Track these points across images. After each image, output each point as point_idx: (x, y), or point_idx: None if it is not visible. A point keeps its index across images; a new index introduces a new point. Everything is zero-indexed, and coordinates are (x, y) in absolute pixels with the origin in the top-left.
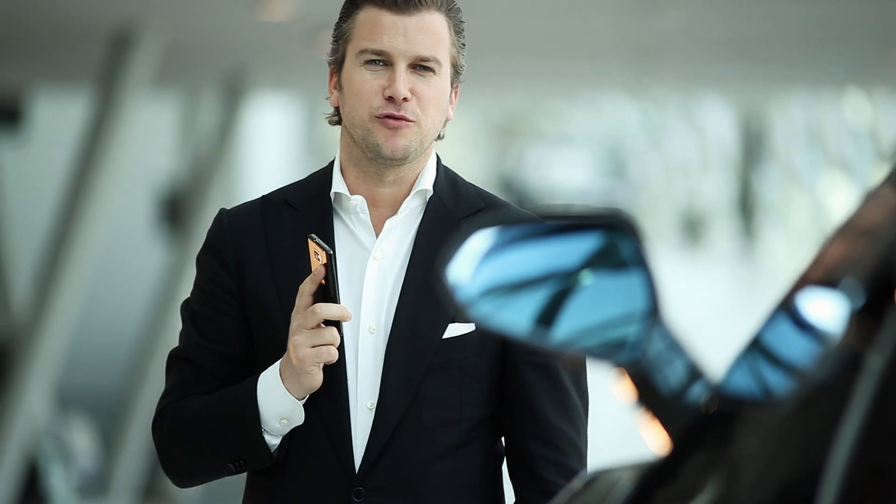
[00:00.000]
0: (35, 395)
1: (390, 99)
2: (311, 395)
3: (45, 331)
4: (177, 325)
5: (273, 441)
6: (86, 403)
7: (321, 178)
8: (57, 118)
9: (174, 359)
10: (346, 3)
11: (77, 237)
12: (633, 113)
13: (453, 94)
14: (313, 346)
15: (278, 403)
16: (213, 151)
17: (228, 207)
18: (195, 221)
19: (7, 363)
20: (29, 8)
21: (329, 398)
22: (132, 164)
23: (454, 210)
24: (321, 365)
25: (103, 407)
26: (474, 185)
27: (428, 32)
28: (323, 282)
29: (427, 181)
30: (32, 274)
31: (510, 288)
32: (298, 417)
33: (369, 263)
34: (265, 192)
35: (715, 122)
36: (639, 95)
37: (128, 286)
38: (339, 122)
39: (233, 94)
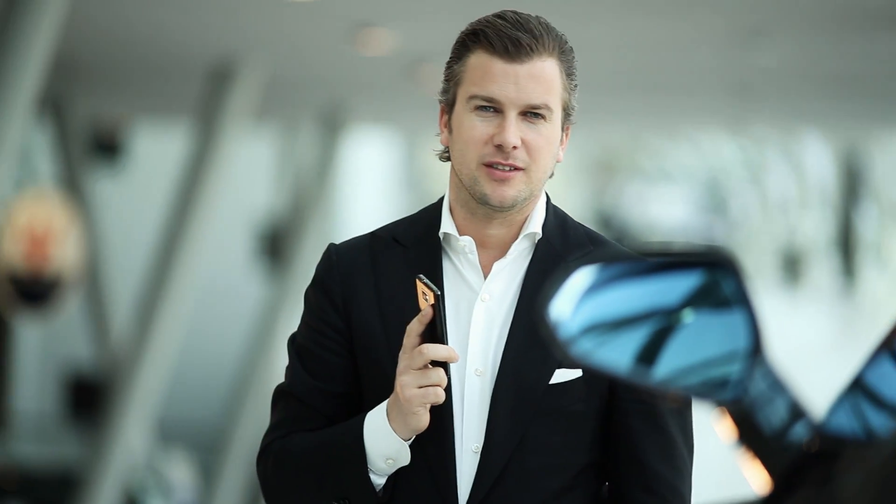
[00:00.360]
0: (134, 429)
1: (498, 147)
2: (417, 437)
3: (144, 364)
4: (275, 358)
5: (378, 481)
6: (185, 437)
7: (430, 217)
8: (157, 151)
9: (280, 394)
10: (457, 43)
11: (177, 271)
12: (732, 149)
13: (564, 136)
14: (420, 387)
15: (385, 443)
16: (311, 185)
17: (337, 242)
18: (294, 255)
19: (107, 396)
20: (131, 42)
21: (435, 440)
22: (231, 198)
23: (563, 252)
24: (427, 406)
25: (202, 440)
26: (584, 226)
27: (539, 80)
28: (431, 322)
29: (536, 224)
30: (132, 307)
31: (611, 325)
32: (405, 458)
33: (477, 305)
34: (369, 228)
35: (814, 159)
36: (737, 132)
37: (227, 320)
38: (448, 159)
39: (332, 128)
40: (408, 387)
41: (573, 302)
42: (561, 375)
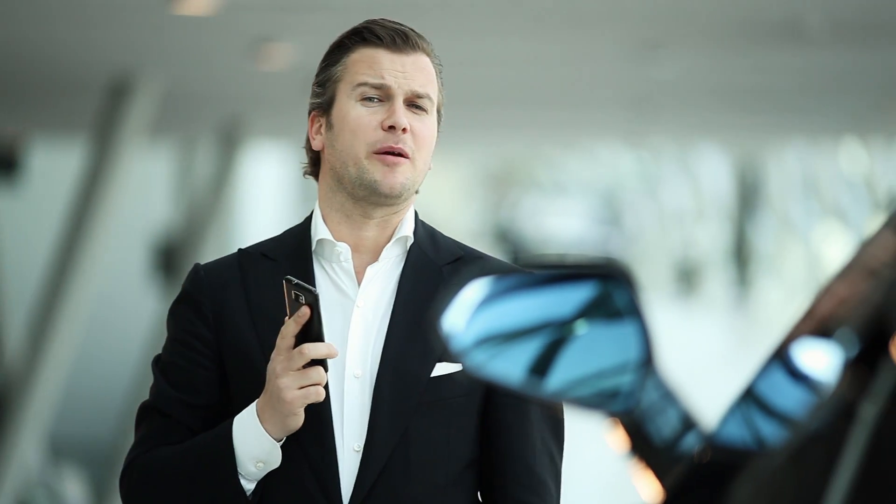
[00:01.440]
0: (27, 445)
1: (390, 129)
2: (298, 439)
3: (38, 380)
4: None
5: (248, 486)
6: (78, 453)
7: (298, 232)
8: (53, 167)
9: (144, 411)
10: (330, 51)
11: (72, 286)
12: (629, 162)
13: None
14: (301, 388)
15: (255, 445)
16: (208, 200)
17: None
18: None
19: (0, 412)
20: (27, 57)
21: (317, 442)
22: (128, 213)
23: (435, 258)
24: (304, 406)
25: (95, 456)
26: (451, 238)
27: (424, 71)
28: (305, 323)
29: (407, 228)
30: (27, 322)
31: (505, 337)
32: (275, 460)
33: (354, 311)
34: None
35: (710, 171)
36: (635, 144)
37: (122, 335)
38: (314, 173)
39: (229, 143)
40: (288, 389)
41: (466, 314)
42: (442, 368)
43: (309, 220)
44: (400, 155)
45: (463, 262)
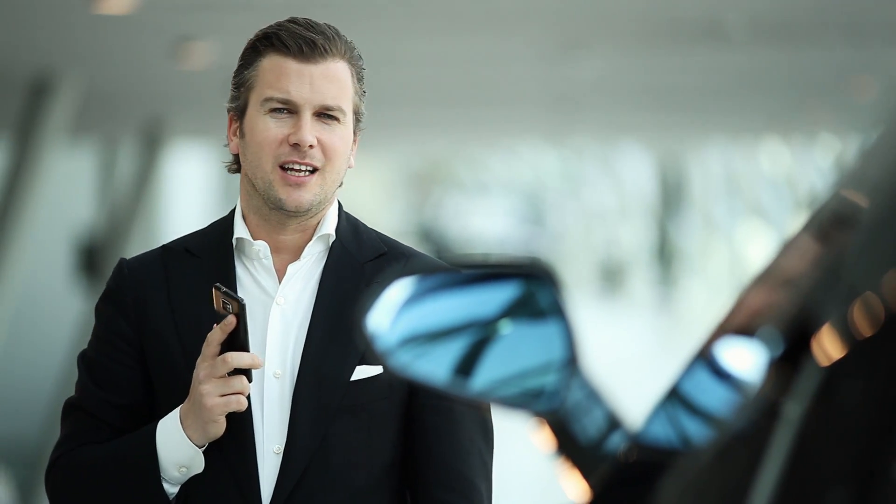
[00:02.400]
0: None
1: (295, 146)
2: (217, 442)
3: None
4: None
5: (171, 490)
6: (2, 453)
7: (222, 226)
8: None
9: (69, 408)
10: (247, 49)
11: None
12: (552, 161)
13: (354, 143)
14: (223, 395)
15: (177, 451)
16: (131, 200)
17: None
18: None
19: None
20: None
21: (235, 444)
22: (50, 213)
23: (357, 254)
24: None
25: (20, 456)
26: (376, 231)
27: (333, 81)
28: (232, 331)
29: (329, 226)
30: None
31: (429, 337)
32: (198, 465)
33: (273, 309)
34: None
35: (633, 171)
36: (557, 144)
37: (46, 335)
38: (237, 170)
39: (151, 142)
40: (210, 395)
41: (391, 314)
42: (362, 372)
43: (232, 215)
44: (308, 169)
45: (386, 258)
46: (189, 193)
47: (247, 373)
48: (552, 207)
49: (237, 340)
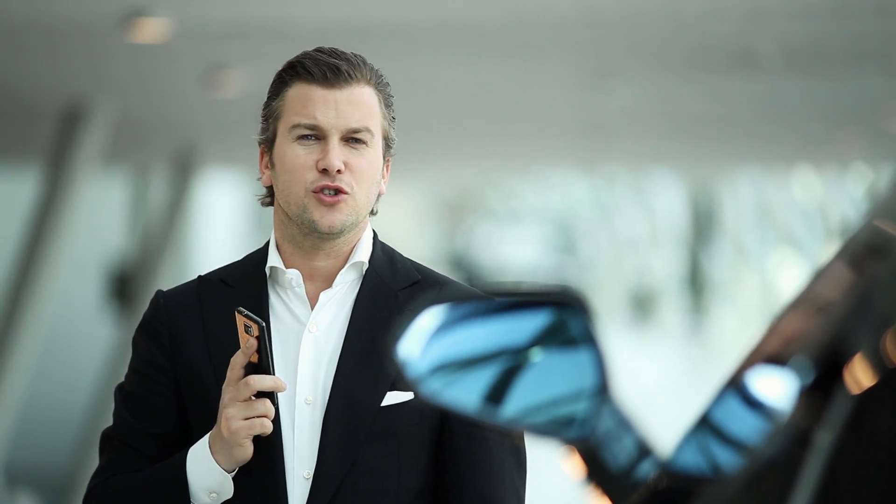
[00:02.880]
0: None
1: (324, 172)
2: (245, 466)
3: None
4: None
5: None
6: (33, 480)
7: (257, 257)
8: (7, 194)
9: (106, 439)
10: (274, 82)
11: (26, 313)
12: (584, 190)
13: (385, 169)
14: (246, 419)
15: (207, 476)
16: (162, 228)
17: (170, 287)
18: (144, 298)
19: None
20: None
21: (265, 469)
22: (82, 240)
23: (391, 283)
24: (251, 437)
25: (50, 484)
26: (411, 260)
27: (359, 105)
28: (256, 355)
29: (362, 254)
30: None
31: (460, 365)
32: (227, 491)
33: (304, 336)
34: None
35: (665, 199)
36: (589, 172)
37: (76, 363)
38: (270, 203)
39: (183, 170)
40: (234, 419)
41: (422, 341)
42: (393, 398)
43: (266, 246)
44: (338, 192)
45: (420, 286)
46: (221, 221)
47: (271, 396)
48: (583, 235)
49: (261, 363)
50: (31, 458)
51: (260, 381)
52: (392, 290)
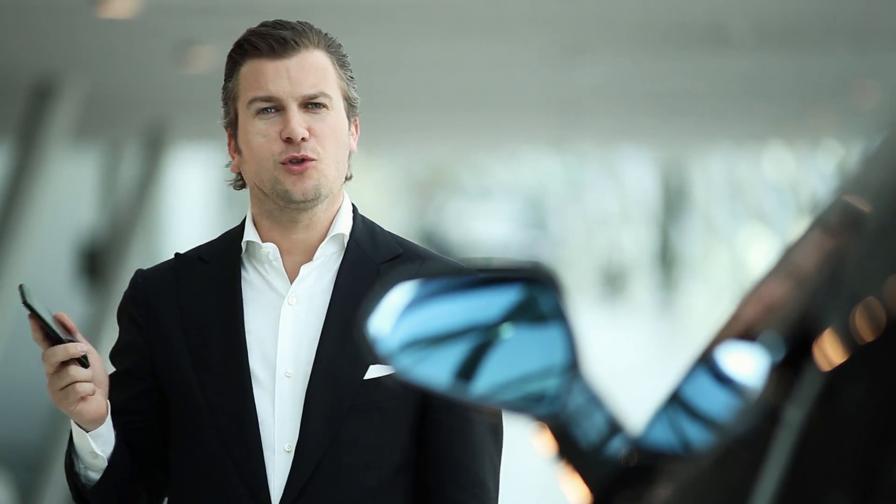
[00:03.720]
0: None
1: (288, 141)
2: (222, 438)
3: None
4: None
5: (93, 476)
6: (4, 457)
7: (233, 233)
8: None
9: None
10: (227, 64)
11: None
12: (555, 166)
13: (353, 128)
14: (61, 389)
15: (80, 440)
16: (134, 204)
17: (145, 267)
18: (115, 274)
19: None
20: None
21: (240, 442)
22: (53, 217)
23: (373, 256)
24: (87, 399)
25: (21, 460)
26: (391, 233)
27: (311, 70)
28: (42, 332)
29: (343, 226)
30: None
31: (430, 341)
32: (100, 444)
33: (283, 309)
34: (183, 246)
35: (636, 176)
36: (560, 149)
37: None
38: (242, 186)
39: (154, 146)
40: (52, 392)
41: (392, 317)
42: (375, 371)
43: (244, 222)
44: (306, 160)
45: (401, 259)
46: (192, 197)
47: (80, 360)
48: (555, 212)
49: (52, 338)
50: (1, 436)
51: (52, 355)
52: (374, 263)
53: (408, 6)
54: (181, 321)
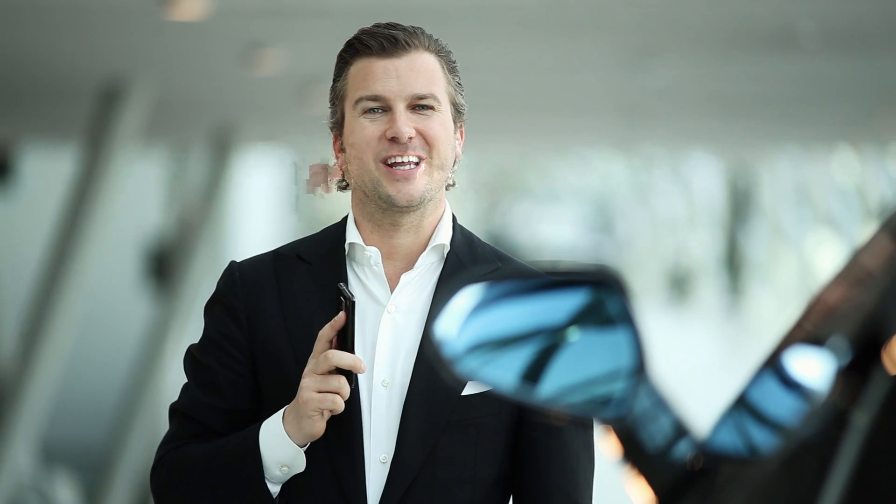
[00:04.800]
0: (20, 449)
1: (393, 140)
2: (324, 448)
3: (30, 384)
4: (162, 379)
5: (273, 489)
6: (70, 458)
7: (335, 233)
8: (46, 172)
9: (173, 412)
10: (337, 62)
11: (64, 290)
12: (622, 169)
13: (459, 134)
14: (319, 392)
15: (278, 449)
16: (200, 206)
17: (238, 260)
18: (182, 276)
19: None
20: (19, 62)
21: (343, 451)
22: (120, 219)
23: (471, 267)
24: (324, 413)
25: (87, 461)
26: (490, 245)
27: (421, 71)
28: (343, 330)
29: (444, 236)
30: (19, 327)
31: (497, 344)
32: (300, 465)
33: (384, 317)
34: (258, 248)
35: (703, 179)
36: (627, 152)
37: (114, 340)
38: (346, 187)
39: (221, 149)
40: (307, 389)
41: (459, 320)
42: (473, 387)
43: (344, 221)
44: (413, 161)
45: (499, 273)
46: (258, 200)
47: (349, 375)
48: (621, 215)
49: (345, 341)
50: (68, 437)
51: (339, 357)
52: (472, 275)
53: (476, 7)
54: (284, 321)
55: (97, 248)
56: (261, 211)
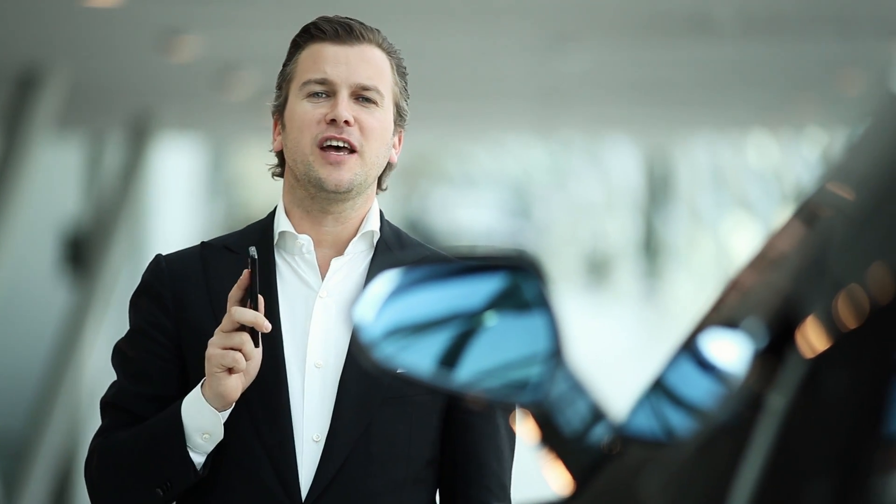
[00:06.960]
0: None
1: (332, 122)
2: (254, 426)
3: None
4: (80, 365)
5: (198, 459)
6: None
7: (262, 224)
8: None
9: (105, 406)
10: (290, 47)
11: None
12: (539, 154)
13: (397, 139)
14: (224, 348)
15: (198, 416)
16: (117, 193)
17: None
18: (100, 263)
19: None
20: None
21: (272, 428)
22: (37, 206)
23: (400, 257)
24: (231, 372)
25: (5, 450)
26: (417, 239)
27: (370, 63)
28: (251, 290)
29: (373, 224)
30: None
31: (414, 329)
32: (219, 432)
33: (316, 302)
34: (176, 235)
35: (620, 164)
36: (544, 137)
37: (31, 328)
38: (282, 174)
39: (138, 135)
40: (212, 345)
41: (376, 306)
42: None
43: (272, 214)
44: (346, 149)
45: (425, 258)
46: (175, 186)
47: (254, 334)
48: (539, 200)
49: (249, 299)
50: None
51: (241, 314)
52: (401, 264)
53: None
54: (212, 308)
55: (13, 236)
56: (178, 198)
